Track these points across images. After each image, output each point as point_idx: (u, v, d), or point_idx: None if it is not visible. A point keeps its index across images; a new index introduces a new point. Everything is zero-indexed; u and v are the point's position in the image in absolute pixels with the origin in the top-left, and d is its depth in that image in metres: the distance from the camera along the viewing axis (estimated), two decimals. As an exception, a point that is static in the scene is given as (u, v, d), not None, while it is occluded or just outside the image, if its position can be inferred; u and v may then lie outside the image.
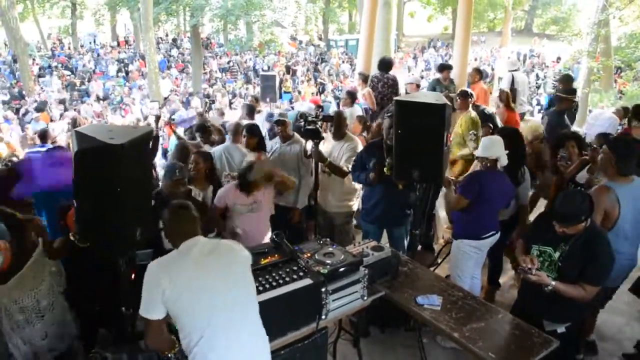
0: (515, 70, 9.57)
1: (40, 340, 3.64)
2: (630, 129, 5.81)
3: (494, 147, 4.32)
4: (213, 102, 17.08)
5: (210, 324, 2.57)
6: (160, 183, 4.71)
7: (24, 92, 19.41)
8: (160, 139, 7.17)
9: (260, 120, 7.98)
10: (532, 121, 6.95)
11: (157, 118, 6.74)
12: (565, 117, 6.96)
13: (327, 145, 5.26)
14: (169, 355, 2.69)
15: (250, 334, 2.71)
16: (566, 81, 8.18)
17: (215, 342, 2.57)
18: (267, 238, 4.36)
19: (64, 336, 3.81)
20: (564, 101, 6.72)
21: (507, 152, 4.36)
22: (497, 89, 8.91)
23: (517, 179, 4.68)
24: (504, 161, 4.34)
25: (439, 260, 5.51)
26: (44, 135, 7.60)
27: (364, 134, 6.65)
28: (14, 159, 6.97)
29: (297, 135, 5.48)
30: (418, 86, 9.28)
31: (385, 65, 8.86)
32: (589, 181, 4.40)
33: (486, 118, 6.87)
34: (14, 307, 3.48)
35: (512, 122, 7.45)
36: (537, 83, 22.00)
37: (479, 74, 9.17)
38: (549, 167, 5.19)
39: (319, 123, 4.78)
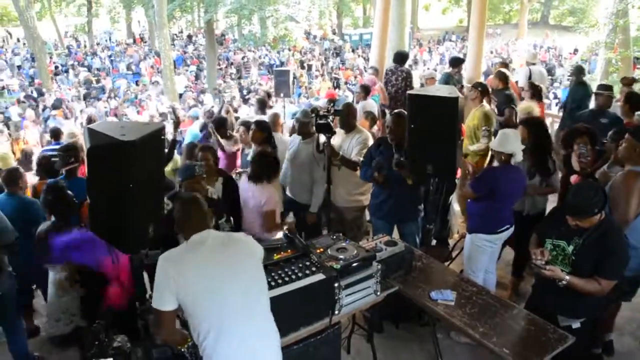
0: (534, 64, 9.45)
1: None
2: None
3: (509, 142, 4.28)
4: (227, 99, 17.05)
5: (220, 318, 2.57)
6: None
7: (43, 90, 19.64)
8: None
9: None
10: (526, 102, 6.74)
11: (177, 123, 6.50)
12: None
13: (337, 138, 5.24)
14: (182, 349, 2.70)
15: (260, 329, 2.69)
16: (578, 72, 8.04)
17: (224, 336, 2.56)
18: None
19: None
20: (600, 98, 6.44)
21: (533, 142, 4.40)
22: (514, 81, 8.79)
23: (548, 168, 4.64)
24: (518, 157, 4.30)
25: (454, 255, 5.48)
26: (56, 134, 7.65)
27: (374, 129, 6.61)
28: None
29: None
30: (434, 79, 9.24)
31: (401, 57, 8.80)
32: (604, 175, 4.32)
33: (509, 100, 6.87)
34: None
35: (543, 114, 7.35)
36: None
37: (505, 66, 9.15)
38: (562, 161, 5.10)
39: (331, 117, 4.77)
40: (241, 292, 2.64)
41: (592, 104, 7.47)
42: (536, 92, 7.32)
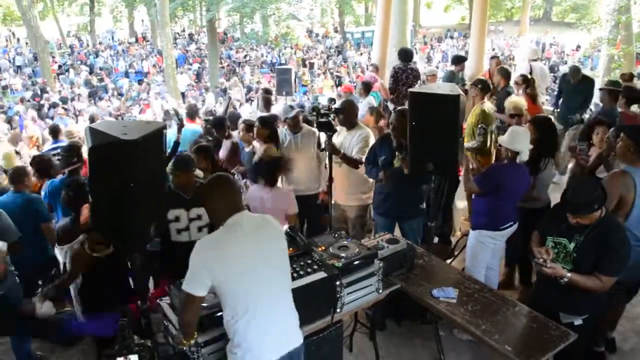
0: (535, 60, 9.41)
1: None
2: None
3: (518, 140, 4.27)
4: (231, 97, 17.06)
5: (255, 299, 2.60)
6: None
7: (48, 89, 19.68)
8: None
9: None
10: (515, 97, 6.74)
11: (181, 126, 6.43)
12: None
13: (340, 136, 5.25)
14: (184, 348, 2.71)
15: (287, 310, 2.76)
16: (577, 72, 8.01)
17: (258, 317, 2.60)
18: None
19: None
20: (610, 95, 6.55)
21: (536, 140, 4.36)
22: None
23: (538, 167, 4.58)
24: (524, 157, 4.29)
25: (456, 253, 5.47)
26: (55, 132, 7.63)
27: (380, 124, 6.58)
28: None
29: (306, 126, 5.55)
30: (435, 76, 9.22)
31: (407, 55, 8.79)
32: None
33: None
34: None
35: (532, 110, 7.35)
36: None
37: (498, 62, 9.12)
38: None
39: (332, 115, 4.76)
40: (274, 274, 2.69)
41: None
42: (528, 86, 7.29)
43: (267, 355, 2.65)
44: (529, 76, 7.76)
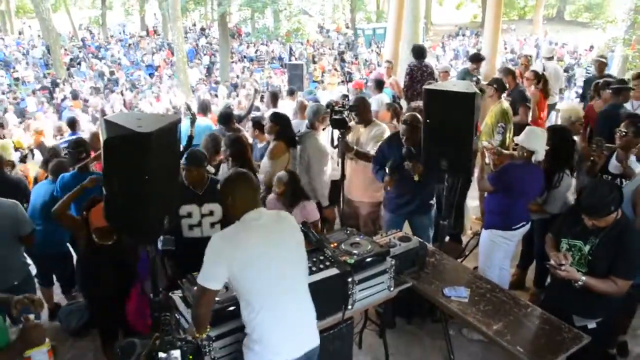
0: (550, 59, 9.31)
1: None
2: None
3: (533, 139, 4.23)
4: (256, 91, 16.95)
5: (273, 296, 2.59)
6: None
7: (58, 81, 19.79)
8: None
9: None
10: (571, 104, 6.67)
11: (193, 120, 6.35)
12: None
13: (356, 132, 5.23)
14: (198, 340, 2.70)
15: (305, 306, 2.74)
16: (602, 62, 7.96)
17: (274, 314, 2.59)
18: None
19: None
20: (621, 92, 6.50)
21: (550, 149, 4.30)
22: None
23: (552, 182, 4.45)
24: (539, 156, 4.24)
25: (467, 252, 5.44)
26: (73, 124, 7.69)
27: (394, 121, 6.55)
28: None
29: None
30: (448, 73, 9.15)
31: (420, 52, 8.74)
32: (628, 172, 4.22)
33: (522, 97, 6.81)
34: None
35: (542, 106, 7.32)
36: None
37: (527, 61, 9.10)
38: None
39: (346, 112, 4.73)
40: (291, 270, 2.68)
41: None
42: (540, 81, 7.20)
43: (285, 355, 2.63)
44: (540, 72, 7.69)
